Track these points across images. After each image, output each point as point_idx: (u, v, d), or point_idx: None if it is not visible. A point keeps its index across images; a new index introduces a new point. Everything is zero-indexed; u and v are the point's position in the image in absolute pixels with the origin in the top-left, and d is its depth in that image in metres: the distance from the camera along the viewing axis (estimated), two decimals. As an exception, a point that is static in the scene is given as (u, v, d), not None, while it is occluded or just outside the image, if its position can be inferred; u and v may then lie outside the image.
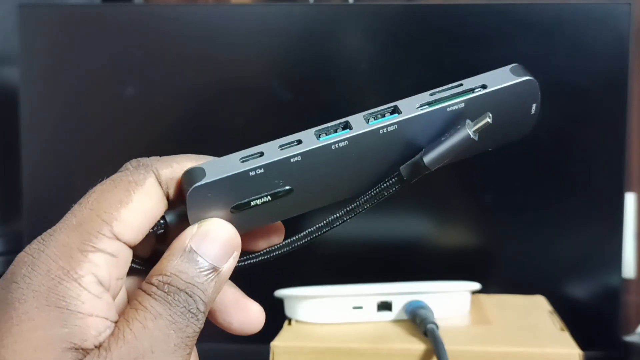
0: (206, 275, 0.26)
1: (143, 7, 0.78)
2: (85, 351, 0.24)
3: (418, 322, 0.47)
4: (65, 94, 0.65)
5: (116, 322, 0.25)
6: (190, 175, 0.27)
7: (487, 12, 0.61)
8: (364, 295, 0.50)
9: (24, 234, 0.64)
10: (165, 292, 0.25)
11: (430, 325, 0.46)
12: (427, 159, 0.28)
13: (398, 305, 0.50)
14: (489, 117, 0.28)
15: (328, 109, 0.63)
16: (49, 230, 0.26)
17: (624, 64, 0.60)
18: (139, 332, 0.25)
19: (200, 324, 0.26)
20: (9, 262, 0.26)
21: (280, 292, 0.51)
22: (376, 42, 0.63)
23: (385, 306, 0.50)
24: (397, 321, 0.50)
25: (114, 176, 0.27)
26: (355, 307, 0.50)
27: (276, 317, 0.50)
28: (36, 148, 0.65)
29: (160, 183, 0.28)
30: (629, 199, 0.69)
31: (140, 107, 0.64)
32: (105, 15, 0.66)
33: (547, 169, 0.62)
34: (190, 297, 0.26)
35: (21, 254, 0.25)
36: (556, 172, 0.62)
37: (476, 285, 0.52)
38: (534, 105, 0.30)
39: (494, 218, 0.63)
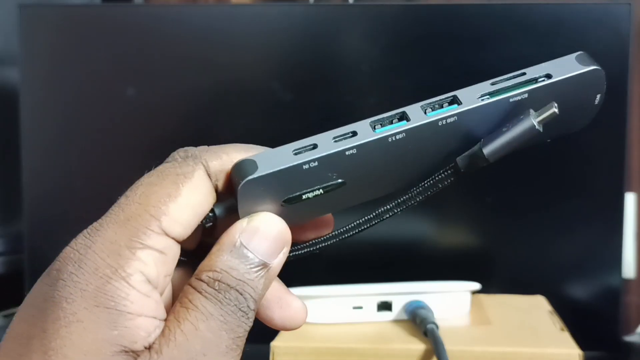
0: (257, 271, 0.25)
1: (143, 7, 0.78)
2: (136, 353, 0.23)
3: (418, 322, 0.47)
4: (65, 94, 0.65)
5: (165, 320, 0.25)
6: (242, 168, 0.26)
7: (487, 12, 0.61)
8: (364, 295, 0.50)
9: (24, 234, 0.64)
10: (216, 289, 0.25)
11: (430, 325, 0.46)
12: (487, 150, 0.27)
13: (398, 305, 0.50)
14: (555, 107, 0.26)
15: (328, 109, 0.63)
16: (95, 224, 0.25)
17: (624, 64, 0.60)
18: (191, 334, 0.24)
19: (250, 323, 0.25)
20: (9, 262, 0.25)
21: (280, 292, 0.51)
22: (376, 42, 0.63)
23: (385, 306, 0.50)
24: (397, 321, 0.50)
25: (161, 167, 0.26)
26: (355, 307, 0.50)
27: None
28: (36, 148, 0.65)
29: (209, 175, 0.26)
30: (629, 199, 0.69)
31: (140, 107, 0.64)
32: (105, 15, 0.66)
33: (547, 169, 0.62)
34: (241, 294, 0.25)
35: (67, 249, 0.24)
36: (556, 172, 0.62)
37: (476, 285, 0.52)
38: (598, 96, 0.28)
39: (494, 218, 0.64)
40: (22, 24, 0.64)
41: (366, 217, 0.29)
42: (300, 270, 0.63)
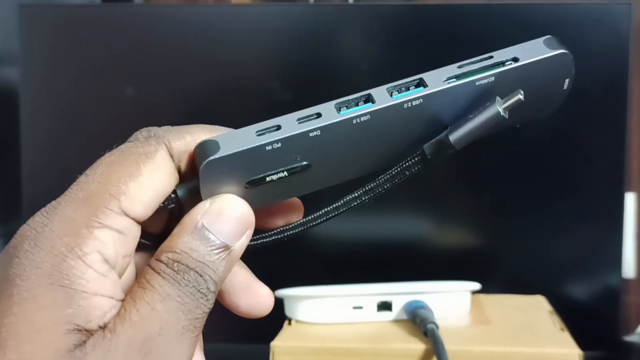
0: (218, 253, 0.25)
1: (143, 7, 0.78)
2: (90, 332, 0.23)
3: (418, 322, 0.47)
4: (65, 94, 0.65)
5: (123, 301, 0.24)
6: (204, 149, 0.26)
7: (487, 12, 0.61)
8: (364, 295, 0.50)
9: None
10: (174, 270, 0.24)
11: (430, 325, 0.46)
12: (453, 137, 0.27)
13: (398, 305, 0.50)
14: (521, 94, 0.26)
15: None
16: (53, 203, 0.25)
17: (624, 64, 0.60)
18: (147, 314, 0.24)
19: (209, 305, 0.25)
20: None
21: (280, 292, 0.51)
22: (376, 42, 0.63)
23: (385, 306, 0.50)
24: (397, 321, 0.50)
25: (123, 147, 0.26)
26: (355, 307, 0.50)
27: (276, 317, 0.50)
28: (36, 148, 0.65)
29: (172, 156, 0.26)
30: (629, 199, 0.69)
31: (139, 107, 0.64)
32: (105, 15, 0.66)
33: (547, 169, 0.62)
34: (201, 276, 0.25)
35: (24, 227, 0.24)
36: (556, 172, 0.62)
37: (476, 285, 0.52)
38: (566, 80, 0.28)
39: (494, 218, 0.63)
40: (22, 24, 0.64)
41: (334, 205, 0.29)
42: (300, 270, 0.63)
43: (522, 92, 0.26)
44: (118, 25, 0.65)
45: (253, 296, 0.29)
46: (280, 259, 0.62)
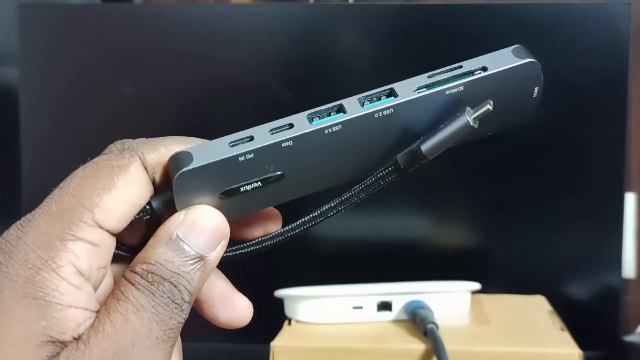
0: (192, 264, 0.25)
1: (143, 7, 0.78)
2: (63, 344, 0.23)
3: (418, 322, 0.47)
4: (65, 94, 0.65)
5: (97, 312, 0.25)
6: (177, 160, 0.26)
7: (487, 12, 0.61)
8: (364, 295, 0.50)
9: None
10: (149, 281, 0.25)
11: (430, 325, 0.46)
12: (425, 147, 0.27)
13: (398, 305, 0.50)
14: (490, 105, 0.27)
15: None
16: (27, 216, 0.25)
17: (623, 64, 0.60)
18: (120, 325, 0.24)
19: (184, 315, 0.25)
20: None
21: (280, 292, 0.51)
22: (376, 42, 0.63)
23: (385, 306, 0.50)
24: (397, 321, 0.50)
25: (96, 159, 0.26)
26: (355, 307, 0.50)
27: (276, 317, 0.50)
28: (36, 148, 0.65)
29: (146, 168, 0.26)
30: (629, 199, 0.69)
31: (139, 107, 0.64)
32: (105, 15, 0.66)
33: (547, 168, 0.62)
34: (175, 287, 0.25)
35: None
36: (556, 172, 0.62)
37: (476, 285, 0.52)
38: (536, 89, 0.29)
39: (494, 218, 0.63)
40: (22, 23, 0.64)
41: (311, 215, 0.29)
42: (300, 270, 0.63)
43: (491, 102, 0.27)
44: (118, 25, 0.65)
45: (232, 307, 0.30)
46: (280, 259, 0.62)
